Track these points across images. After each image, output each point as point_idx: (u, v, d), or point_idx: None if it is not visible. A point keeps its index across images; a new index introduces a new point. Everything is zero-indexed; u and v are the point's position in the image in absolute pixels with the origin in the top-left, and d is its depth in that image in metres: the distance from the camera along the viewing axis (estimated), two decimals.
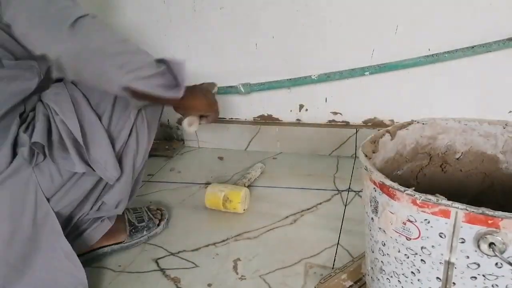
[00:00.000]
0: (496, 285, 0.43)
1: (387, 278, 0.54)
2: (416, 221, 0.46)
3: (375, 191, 0.50)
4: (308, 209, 1.00)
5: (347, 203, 1.01)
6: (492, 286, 0.44)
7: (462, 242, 0.43)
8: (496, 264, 0.42)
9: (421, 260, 0.48)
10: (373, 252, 0.56)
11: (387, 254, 0.52)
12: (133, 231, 0.91)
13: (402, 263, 0.51)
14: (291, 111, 1.29)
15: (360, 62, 1.12)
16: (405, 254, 0.49)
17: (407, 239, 0.48)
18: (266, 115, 1.32)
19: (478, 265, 0.43)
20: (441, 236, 0.44)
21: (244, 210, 1.00)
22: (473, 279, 0.44)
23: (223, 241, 0.91)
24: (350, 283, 0.71)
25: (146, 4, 1.25)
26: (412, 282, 0.50)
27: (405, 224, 0.47)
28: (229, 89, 1.25)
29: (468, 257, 0.43)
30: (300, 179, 1.14)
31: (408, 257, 0.49)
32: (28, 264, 0.69)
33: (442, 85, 1.09)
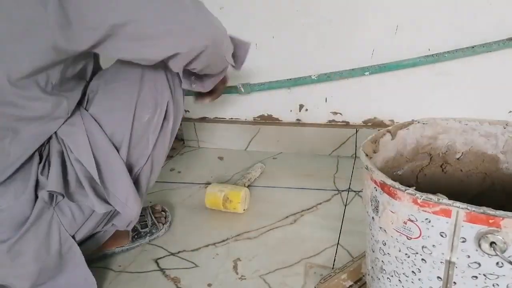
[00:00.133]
0: (497, 284, 0.43)
1: (388, 278, 0.54)
2: (417, 220, 0.46)
3: (376, 190, 0.50)
4: (308, 209, 1.00)
5: (347, 203, 1.01)
6: (493, 285, 0.44)
7: (463, 242, 0.43)
8: (497, 263, 0.42)
9: (422, 259, 0.48)
10: (373, 251, 0.56)
11: (388, 253, 0.52)
12: (135, 236, 0.91)
13: (402, 263, 0.50)
14: (291, 111, 1.29)
15: (360, 62, 1.12)
16: (406, 254, 0.49)
17: (407, 239, 0.48)
18: (266, 115, 1.32)
19: (479, 264, 0.43)
20: (442, 236, 0.44)
21: (244, 210, 1.00)
22: (474, 278, 0.44)
23: (223, 241, 0.91)
24: (350, 283, 0.71)
25: None
26: (412, 282, 0.50)
27: (405, 223, 0.47)
28: (229, 89, 1.25)
29: (469, 256, 0.43)
30: (300, 179, 1.14)
31: (408, 257, 0.49)
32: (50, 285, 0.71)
33: (442, 85, 1.09)
